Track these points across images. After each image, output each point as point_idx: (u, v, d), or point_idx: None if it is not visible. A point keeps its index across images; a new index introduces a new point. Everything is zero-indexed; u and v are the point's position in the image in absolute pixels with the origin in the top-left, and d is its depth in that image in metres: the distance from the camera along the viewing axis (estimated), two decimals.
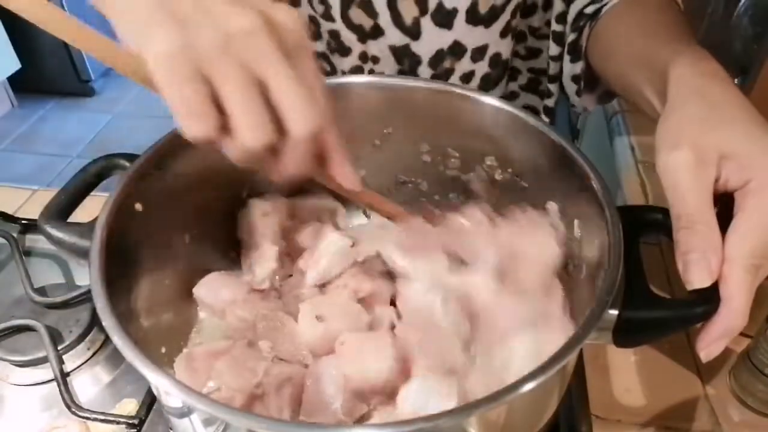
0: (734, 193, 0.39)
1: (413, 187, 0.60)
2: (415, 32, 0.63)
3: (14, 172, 2.28)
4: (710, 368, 0.55)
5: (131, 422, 0.50)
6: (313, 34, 0.67)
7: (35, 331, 0.56)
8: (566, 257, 0.48)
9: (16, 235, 0.67)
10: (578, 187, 0.46)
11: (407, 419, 0.33)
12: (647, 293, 0.40)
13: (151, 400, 0.52)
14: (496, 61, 0.66)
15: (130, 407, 0.53)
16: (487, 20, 0.62)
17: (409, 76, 0.66)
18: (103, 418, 0.50)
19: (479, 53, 0.65)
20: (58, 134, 2.50)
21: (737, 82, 0.77)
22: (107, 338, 0.58)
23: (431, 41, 0.64)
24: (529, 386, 0.32)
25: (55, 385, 0.52)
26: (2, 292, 0.62)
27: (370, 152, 0.58)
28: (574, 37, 0.62)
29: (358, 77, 0.57)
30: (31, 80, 2.53)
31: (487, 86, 0.68)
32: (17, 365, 0.55)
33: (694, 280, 0.37)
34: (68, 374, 0.55)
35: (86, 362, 0.57)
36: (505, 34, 0.64)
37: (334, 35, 0.66)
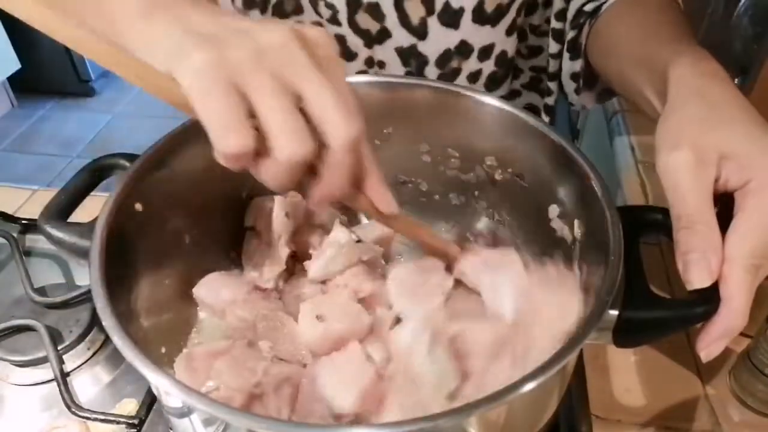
0: (734, 193, 0.39)
1: (413, 187, 0.60)
2: (421, 32, 0.63)
3: (14, 172, 2.28)
4: (710, 368, 0.55)
5: (131, 422, 0.50)
6: None
7: (35, 331, 0.56)
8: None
9: (16, 235, 0.67)
10: (578, 187, 0.46)
11: (407, 419, 0.33)
12: (647, 293, 0.40)
13: (151, 400, 0.52)
14: (502, 59, 0.66)
15: (130, 407, 0.53)
16: (493, 19, 0.62)
17: (413, 76, 0.65)
18: (103, 418, 0.50)
19: (486, 52, 0.65)
20: (58, 134, 2.50)
21: (737, 82, 0.77)
22: (107, 338, 0.58)
23: (438, 41, 0.64)
24: (529, 386, 0.32)
25: (55, 385, 0.52)
26: (2, 292, 0.62)
27: None
28: (573, 34, 0.62)
29: (358, 77, 0.57)
30: (31, 80, 2.53)
31: (493, 85, 0.68)
32: (17, 365, 0.55)
33: (694, 280, 0.37)
34: (68, 374, 0.55)
35: (86, 362, 0.57)
36: (510, 32, 0.64)
37: (339, 40, 0.65)
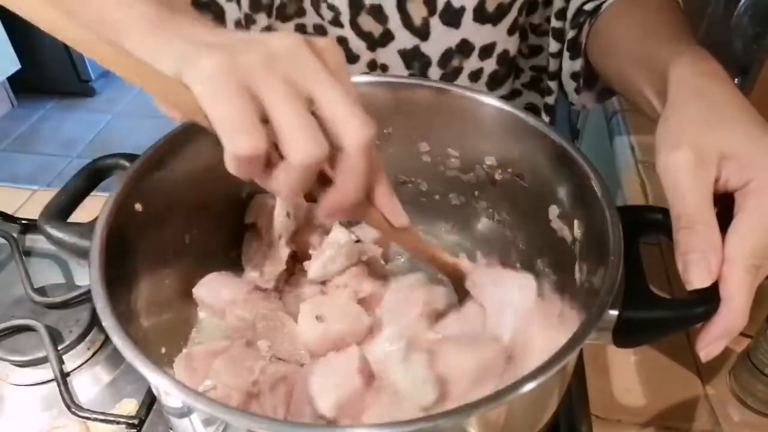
0: (734, 193, 0.39)
1: (413, 187, 0.60)
2: (424, 33, 0.63)
3: (14, 172, 2.28)
4: (710, 368, 0.55)
5: (131, 422, 0.50)
6: None
7: (35, 331, 0.56)
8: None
9: (16, 235, 0.67)
10: (578, 187, 0.46)
11: (407, 419, 0.33)
12: (647, 293, 0.40)
13: (151, 400, 0.52)
14: (504, 58, 0.66)
15: (130, 407, 0.53)
16: (494, 18, 0.62)
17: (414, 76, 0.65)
18: (103, 418, 0.50)
19: (487, 51, 0.65)
20: (58, 134, 2.50)
21: (737, 82, 0.77)
22: (107, 338, 0.58)
23: (440, 41, 0.64)
24: (529, 386, 0.32)
25: (55, 385, 0.52)
26: (2, 292, 0.62)
27: None
28: (573, 33, 0.62)
29: (357, 77, 0.57)
30: (31, 80, 2.53)
31: (494, 84, 0.68)
32: (17, 365, 0.55)
33: (694, 280, 0.37)
34: (68, 374, 0.55)
35: (86, 362, 0.57)
36: (512, 31, 0.64)
37: (342, 42, 0.65)
